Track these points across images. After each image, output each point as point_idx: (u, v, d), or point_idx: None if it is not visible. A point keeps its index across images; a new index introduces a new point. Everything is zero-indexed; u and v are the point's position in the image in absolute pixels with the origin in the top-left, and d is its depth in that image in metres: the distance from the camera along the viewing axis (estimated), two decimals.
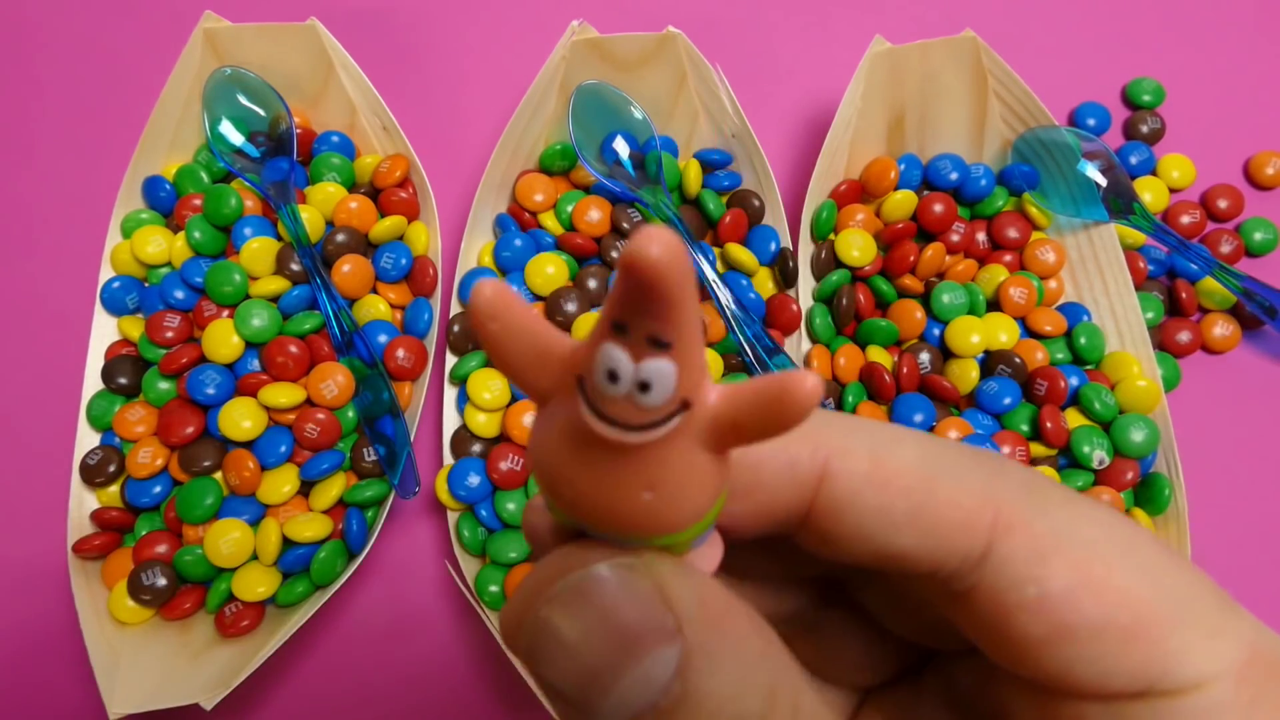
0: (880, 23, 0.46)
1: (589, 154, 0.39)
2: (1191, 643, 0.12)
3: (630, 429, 0.10)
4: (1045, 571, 0.12)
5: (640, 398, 0.10)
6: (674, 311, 0.10)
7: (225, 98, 0.40)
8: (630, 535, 0.11)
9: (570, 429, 0.11)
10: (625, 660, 0.11)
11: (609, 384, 0.10)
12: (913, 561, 0.13)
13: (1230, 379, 0.40)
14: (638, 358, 0.10)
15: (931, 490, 0.13)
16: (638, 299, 0.10)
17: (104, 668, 0.31)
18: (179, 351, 0.35)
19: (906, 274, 0.38)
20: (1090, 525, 0.13)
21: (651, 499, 0.11)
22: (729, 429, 0.11)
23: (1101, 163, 0.39)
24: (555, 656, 0.11)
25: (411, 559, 0.37)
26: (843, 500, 0.13)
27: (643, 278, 0.09)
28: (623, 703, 0.11)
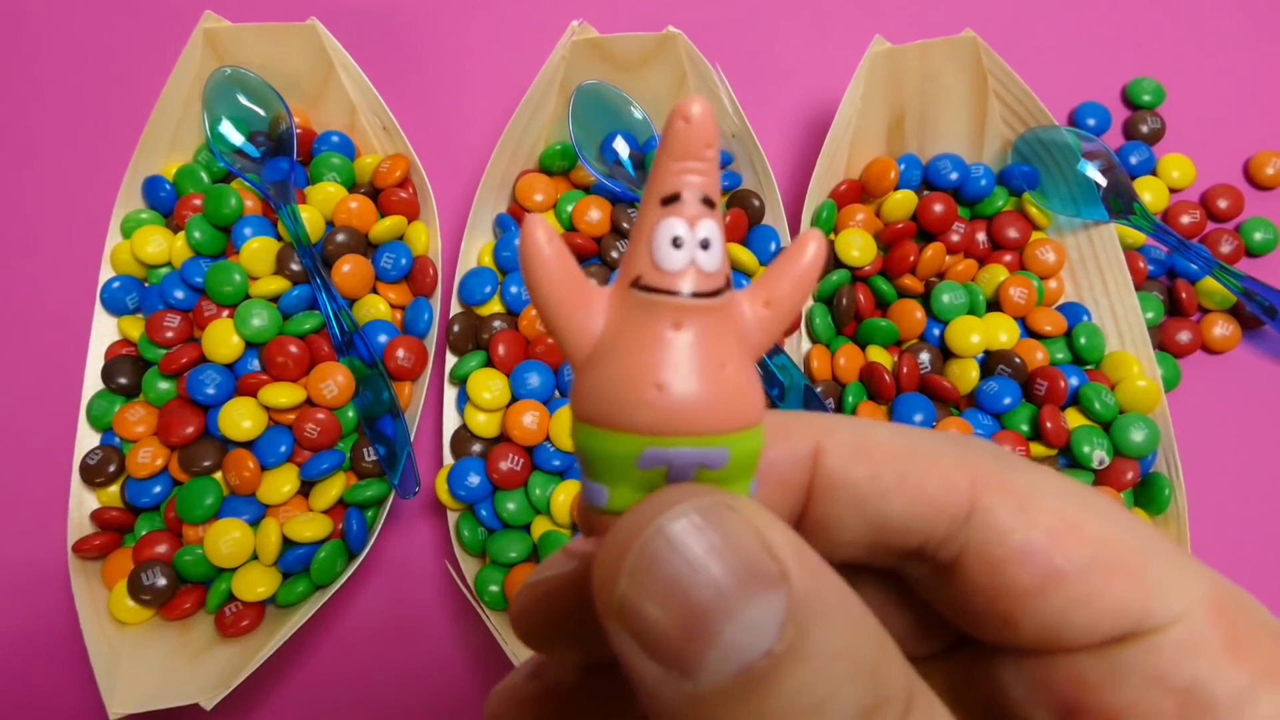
0: (880, 23, 0.46)
1: (589, 154, 0.39)
2: (1166, 577, 0.12)
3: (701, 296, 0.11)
4: (1027, 519, 0.13)
5: (702, 260, 0.11)
6: (715, 166, 0.11)
7: (225, 98, 0.40)
8: (715, 425, 0.11)
9: (638, 339, 0.11)
10: (739, 600, 0.10)
11: (673, 253, 0.11)
12: (905, 530, 0.14)
13: (1230, 379, 0.40)
14: (694, 220, 0.11)
15: (913, 458, 0.14)
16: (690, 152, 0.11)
17: (104, 668, 0.31)
18: (179, 351, 0.35)
19: (906, 274, 0.38)
20: (1054, 484, 0.13)
21: (729, 375, 0.11)
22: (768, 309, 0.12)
23: (1101, 163, 0.39)
24: (659, 594, 0.10)
25: (411, 559, 0.37)
26: (837, 472, 0.14)
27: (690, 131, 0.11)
28: (731, 650, 0.10)
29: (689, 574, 0.10)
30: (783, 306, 0.12)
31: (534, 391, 0.35)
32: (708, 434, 0.11)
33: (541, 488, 0.34)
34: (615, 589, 0.11)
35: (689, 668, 0.10)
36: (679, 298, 0.11)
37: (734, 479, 0.12)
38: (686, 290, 0.11)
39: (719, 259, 0.11)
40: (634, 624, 0.11)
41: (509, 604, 0.15)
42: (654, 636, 0.10)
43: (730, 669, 0.10)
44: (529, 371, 0.36)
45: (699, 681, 0.10)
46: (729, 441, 0.12)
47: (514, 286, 0.37)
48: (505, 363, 0.36)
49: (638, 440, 0.11)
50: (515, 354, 0.36)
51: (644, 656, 0.11)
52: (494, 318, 0.37)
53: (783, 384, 0.35)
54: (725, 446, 0.11)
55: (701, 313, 0.11)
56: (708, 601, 0.10)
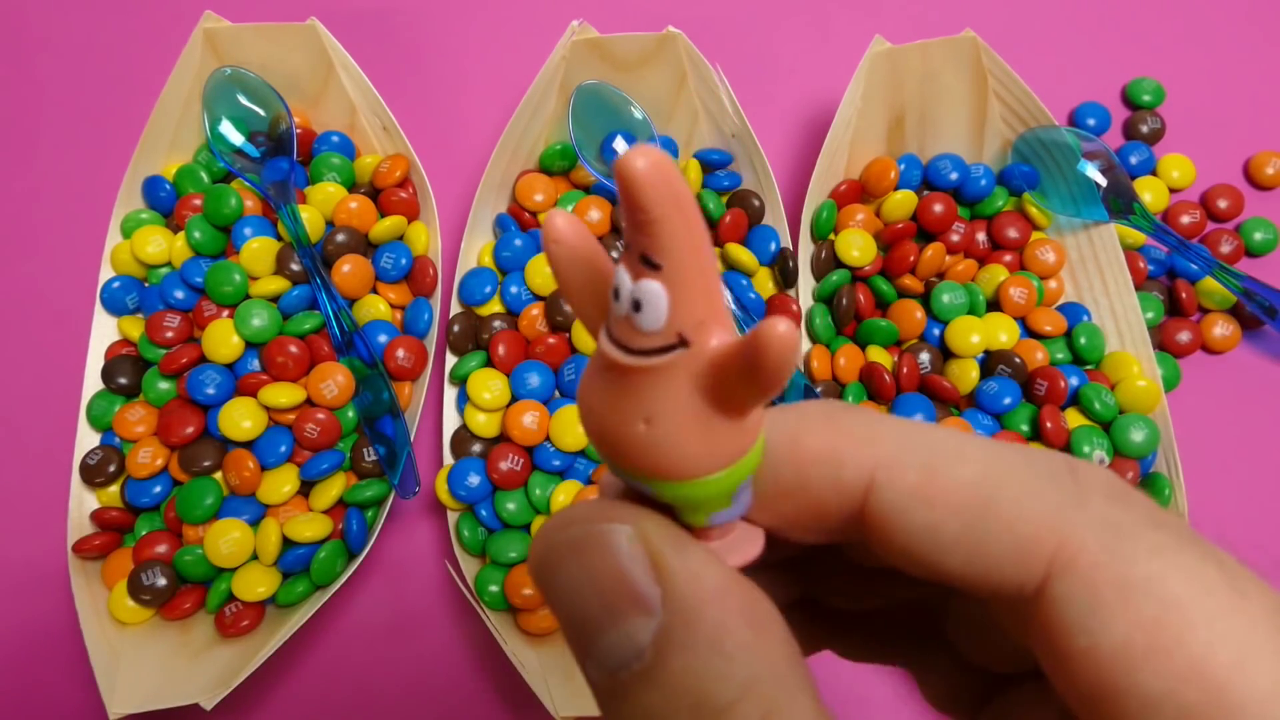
0: (880, 23, 0.46)
1: (589, 154, 0.39)
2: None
3: (628, 351, 0.11)
4: (1100, 624, 0.11)
5: (635, 318, 0.11)
6: (658, 228, 0.10)
7: (225, 98, 0.40)
8: (631, 470, 0.12)
9: (595, 358, 0.12)
10: (608, 619, 0.12)
11: (614, 301, 0.11)
12: (965, 584, 0.12)
13: (1230, 379, 0.40)
14: (635, 277, 0.11)
15: (987, 512, 0.12)
16: (627, 210, 0.10)
17: (104, 668, 0.31)
18: (179, 351, 0.35)
19: (906, 274, 0.38)
20: (1178, 576, 0.11)
21: (646, 432, 0.11)
22: (720, 380, 0.11)
23: (1101, 163, 0.39)
24: (559, 594, 0.12)
25: (411, 559, 0.37)
26: (889, 515, 0.12)
27: (627, 188, 0.10)
28: (608, 655, 0.11)
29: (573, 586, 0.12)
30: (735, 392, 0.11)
31: (534, 391, 0.35)
32: (628, 473, 0.12)
33: (541, 488, 0.34)
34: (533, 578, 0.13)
35: (580, 660, 0.12)
36: (611, 347, 0.11)
37: (683, 510, 0.12)
38: (620, 342, 0.11)
39: (656, 320, 0.10)
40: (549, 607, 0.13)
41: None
42: (561, 621, 0.12)
43: (604, 670, 0.12)
44: (529, 371, 0.36)
45: (590, 669, 0.12)
46: (650, 485, 0.12)
47: (514, 286, 0.37)
48: (505, 363, 0.36)
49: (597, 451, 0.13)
50: (515, 354, 0.36)
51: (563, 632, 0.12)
52: (494, 318, 0.37)
53: None
54: (649, 486, 0.12)
55: (627, 370, 0.11)
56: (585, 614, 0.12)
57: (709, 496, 0.12)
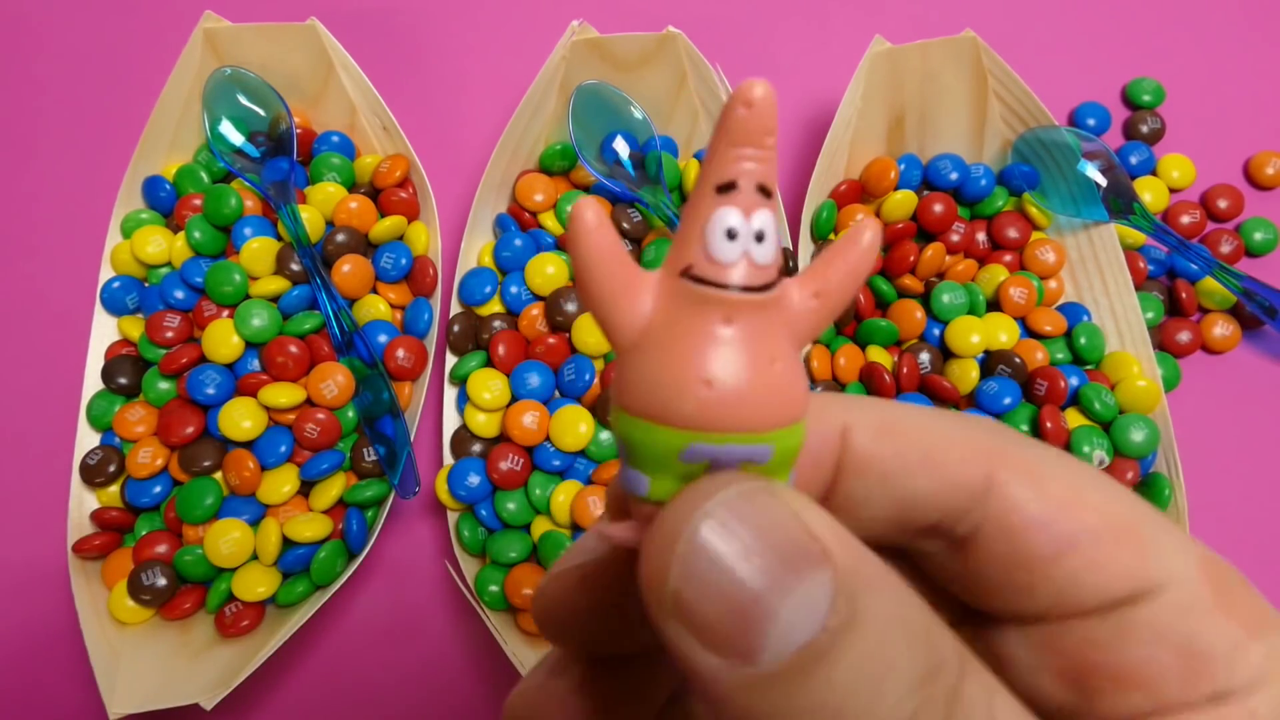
0: (880, 23, 0.46)
1: (589, 154, 0.39)
2: (1163, 544, 0.13)
3: (756, 290, 0.11)
4: (1041, 491, 0.14)
5: (756, 252, 0.11)
6: (775, 153, 0.11)
7: (225, 98, 0.40)
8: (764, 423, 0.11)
9: (686, 332, 0.11)
10: (791, 579, 0.10)
11: (727, 245, 0.11)
12: (928, 505, 0.14)
13: (1230, 379, 0.40)
14: (750, 210, 0.11)
15: (936, 436, 0.14)
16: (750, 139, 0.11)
17: (104, 668, 0.31)
18: (179, 351, 0.35)
19: (906, 274, 0.38)
20: (1062, 460, 0.14)
21: (780, 371, 0.11)
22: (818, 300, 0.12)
23: (1101, 163, 0.39)
24: (714, 581, 0.11)
25: (411, 559, 0.37)
26: (865, 450, 0.14)
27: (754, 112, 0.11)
28: (790, 629, 0.10)
29: (738, 562, 0.11)
30: (833, 298, 0.12)
31: (534, 391, 0.35)
32: (755, 431, 0.11)
33: (541, 488, 0.34)
34: (666, 584, 0.11)
35: (748, 653, 0.10)
36: (732, 291, 0.11)
37: (776, 470, 0.12)
38: (740, 284, 0.11)
39: (773, 251, 0.11)
40: (688, 617, 0.11)
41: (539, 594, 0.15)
42: (710, 627, 0.11)
43: (790, 649, 0.10)
44: (529, 371, 0.36)
45: (760, 665, 0.10)
46: (774, 438, 0.11)
47: (514, 286, 0.37)
48: (505, 363, 0.36)
49: (683, 435, 0.11)
50: (515, 354, 0.36)
51: (701, 649, 0.11)
52: (494, 318, 0.37)
53: None
54: (770, 443, 0.11)
55: (753, 308, 0.11)
56: (759, 586, 0.10)
57: (803, 440, 0.12)
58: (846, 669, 0.10)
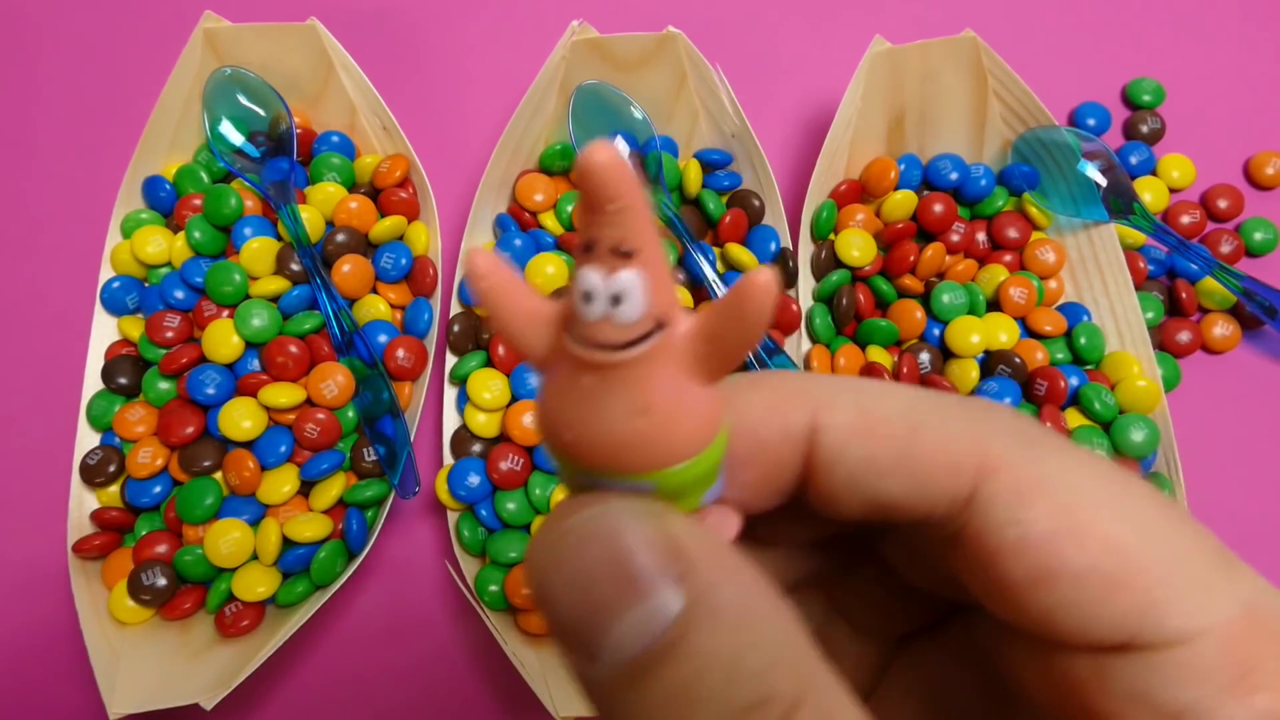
0: (880, 23, 0.46)
1: None
2: (1179, 595, 0.11)
3: (613, 349, 0.11)
4: (1027, 514, 0.12)
5: (616, 314, 0.11)
6: (630, 215, 0.11)
7: (225, 98, 0.40)
8: (632, 468, 0.12)
9: (565, 374, 0.11)
10: (629, 596, 0.11)
11: (586, 306, 0.11)
12: (903, 508, 0.13)
13: (1230, 379, 0.40)
14: (609, 271, 0.11)
15: (917, 436, 0.13)
16: (595, 205, 0.10)
17: (104, 668, 0.31)
18: (179, 351, 0.35)
19: (906, 274, 0.38)
20: (1081, 472, 0.12)
21: (647, 423, 0.11)
22: (708, 344, 0.11)
23: (1101, 163, 0.39)
24: (562, 589, 0.12)
25: (411, 559, 0.37)
26: (832, 452, 0.13)
27: (598, 179, 0.10)
28: (624, 640, 0.11)
29: (584, 574, 0.11)
30: (723, 345, 0.11)
31: (534, 391, 0.35)
32: (625, 473, 0.12)
33: (541, 488, 0.34)
34: (533, 579, 0.12)
35: (589, 654, 0.11)
36: (593, 350, 0.11)
37: (674, 497, 0.12)
38: (597, 342, 0.11)
39: (638, 308, 0.11)
40: (545, 611, 0.12)
41: None
42: (560, 624, 0.12)
43: (619, 659, 0.11)
44: (529, 371, 0.36)
45: (596, 667, 0.11)
46: (652, 478, 0.12)
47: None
48: (505, 363, 0.36)
49: (570, 464, 0.12)
50: (515, 354, 0.36)
51: (559, 640, 0.12)
52: None
53: None
54: (650, 481, 0.12)
55: (616, 366, 0.11)
56: (598, 600, 0.11)
57: (706, 471, 0.12)
58: (661, 692, 0.11)
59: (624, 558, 0.11)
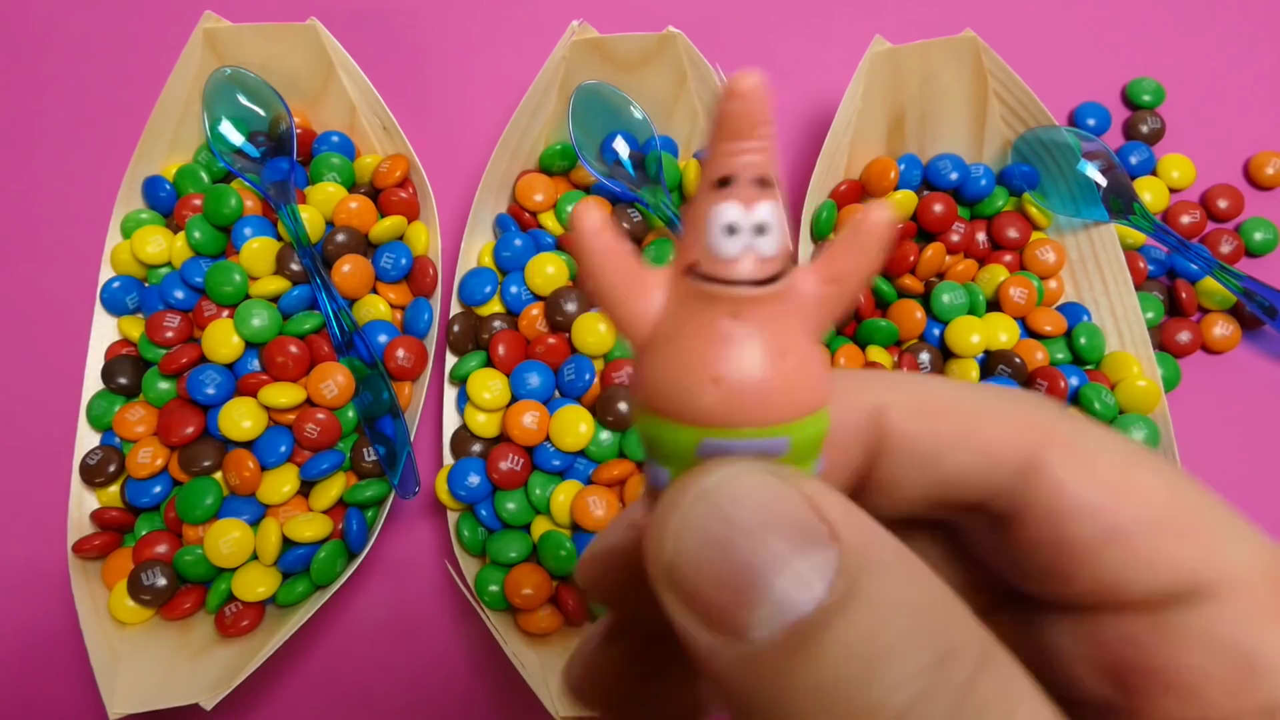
0: (880, 23, 0.46)
1: (589, 154, 0.39)
2: (1224, 541, 0.12)
3: (758, 284, 0.11)
4: (1089, 475, 0.13)
5: (760, 245, 0.11)
6: (772, 144, 0.11)
7: (225, 98, 0.40)
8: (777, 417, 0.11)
9: (694, 327, 0.11)
10: (783, 555, 0.10)
11: (728, 240, 0.11)
12: (970, 483, 0.14)
13: (1230, 379, 0.40)
14: (749, 202, 0.11)
15: (979, 413, 0.14)
16: (742, 132, 0.10)
17: (104, 668, 0.31)
18: (179, 351, 0.35)
19: (906, 274, 0.38)
20: (1117, 442, 0.13)
21: (790, 365, 0.11)
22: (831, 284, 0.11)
23: (1101, 163, 0.39)
24: (702, 559, 0.11)
25: (411, 559, 0.37)
26: (900, 432, 0.14)
27: (746, 104, 0.10)
28: (780, 605, 0.10)
29: (731, 535, 0.11)
30: (848, 282, 0.11)
31: (534, 391, 0.35)
32: (767, 425, 0.11)
33: (541, 488, 0.34)
34: (663, 558, 0.11)
35: (738, 628, 0.10)
36: (735, 287, 0.11)
37: (797, 460, 0.12)
38: (743, 278, 0.11)
39: (777, 241, 0.11)
40: (683, 591, 0.11)
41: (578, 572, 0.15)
42: (702, 600, 0.11)
43: (780, 625, 0.10)
44: (529, 371, 0.36)
45: (749, 641, 0.10)
46: (789, 430, 0.11)
47: (514, 286, 0.37)
48: (505, 363, 0.36)
49: (696, 431, 0.11)
50: (515, 354, 0.36)
51: (696, 623, 0.11)
52: (494, 318, 0.37)
53: None
54: (786, 435, 0.11)
55: (760, 301, 0.11)
56: (751, 560, 0.10)
57: (826, 429, 0.12)
58: (840, 649, 0.10)
59: (772, 517, 0.11)
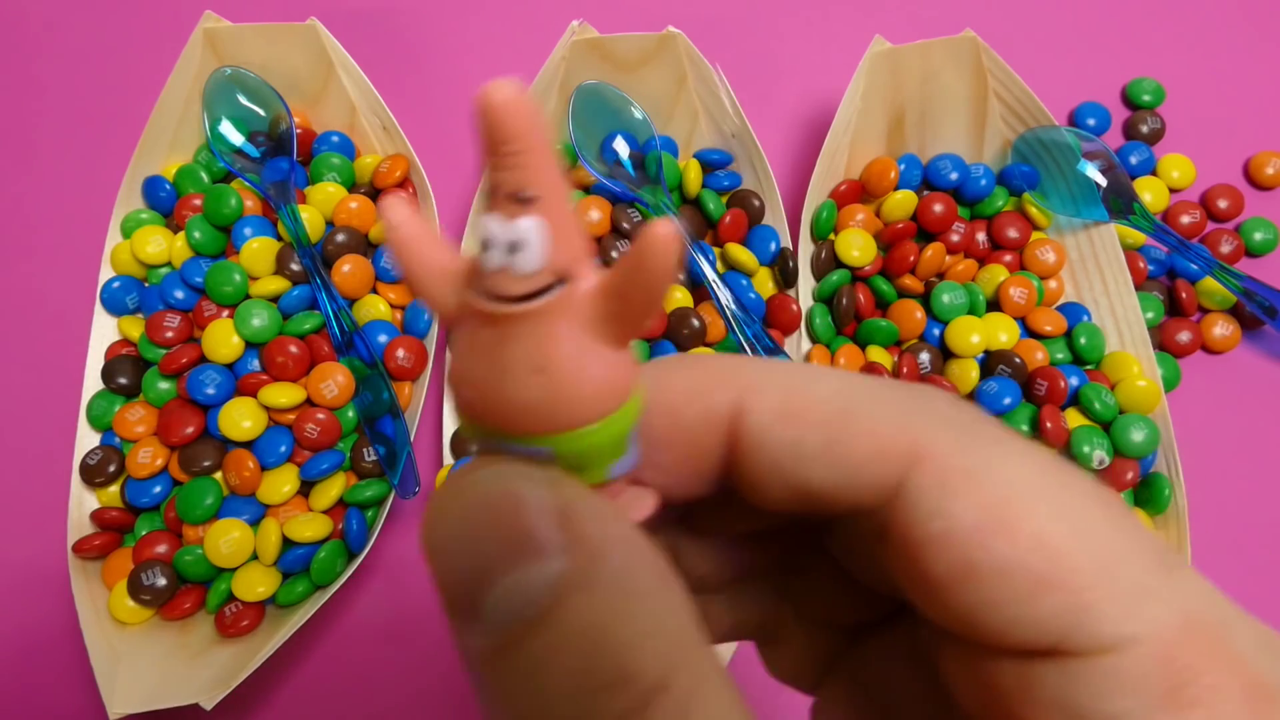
0: (880, 23, 0.46)
1: (589, 154, 0.39)
2: (1112, 599, 0.11)
3: (510, 301, 0.10)
4: (953, 506, 0.11)
5: (515, 262, 0.10)
6: (530, 158, 0.10)
7: (225, 98, 0.40)
8: (529, 430, 0.11)
9: (468, 330, 0.11)
10: (512, 557, 0.11)
11: (486, 255, 0.10)
12: (829, 498, 0.13)
13: (1230, 379, 0.40)
14: (507, 218, 0.10)
15: (846, 422, 0.12)
16: (493, 145, 0.10)
17: (104, 668, 0.31)
18: (179, 351, 0.35)
19: (906, 274, 0.38)
20: (1017, 464, 0.12)
21: (543, 382, 0.11)
22: (612, 301, 0.11)
23: (1101, 163, 0.39)
24: (449, 547, 0.11)
25: (411, 559, 0.37)
26: (757, 437, 0.13)
27: (494, 119, 0.10)
28: (502, 604, 0.11)
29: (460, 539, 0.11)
30: (631, 297, 0.11)
31: None
32: (521, 435, 0.11)
33: None
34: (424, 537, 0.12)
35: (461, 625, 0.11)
36: (490, 302, 0.11)
37: (581, 464, 0.12)
38: (499, 293, 0.11)
39: (538, 258, 0.10)
40: (433, 570, 0.12)
41: None
42: (444, 582, 0.11)
43: (498, 623, 0.11)
44: None
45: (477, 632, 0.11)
46: (549, 442, 0.11)
47: None
48: None
49: (471, 425, 0.12)
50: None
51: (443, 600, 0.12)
52: None
53: None
54: (547, 446, 0.11)
55: (514, 318, 0.11)
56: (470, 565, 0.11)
57: (611, 440, 0.12)
58: (524, 663, 0.10)
59: (511, 518, 0.11)
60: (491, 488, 0.11)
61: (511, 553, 0.11)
